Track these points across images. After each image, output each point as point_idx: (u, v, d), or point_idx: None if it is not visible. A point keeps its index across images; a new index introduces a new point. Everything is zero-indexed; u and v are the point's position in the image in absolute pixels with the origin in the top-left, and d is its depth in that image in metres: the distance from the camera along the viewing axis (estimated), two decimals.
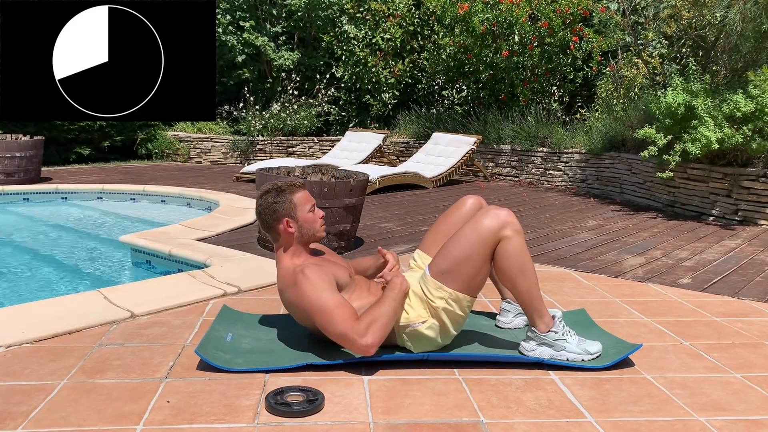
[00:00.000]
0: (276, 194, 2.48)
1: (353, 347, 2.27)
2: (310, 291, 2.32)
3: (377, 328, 2.26)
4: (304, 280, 2.33)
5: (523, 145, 8.67)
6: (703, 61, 6.90)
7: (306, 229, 2.48)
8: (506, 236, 2.35)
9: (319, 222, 2.51)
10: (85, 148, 9.74)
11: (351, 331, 2.25)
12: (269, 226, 2.49)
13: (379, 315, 2.28)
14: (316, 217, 2.50)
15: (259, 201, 2.51)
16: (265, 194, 2.50)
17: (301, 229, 2.47)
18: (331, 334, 2.30)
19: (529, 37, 9.03)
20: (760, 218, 5.71)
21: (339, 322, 2.26)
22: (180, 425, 1.92)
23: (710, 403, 2.17)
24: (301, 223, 2.47)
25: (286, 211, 2.46)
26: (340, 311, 2.28)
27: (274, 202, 2.47)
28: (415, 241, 4.66)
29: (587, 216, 6.12)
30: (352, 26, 10.45)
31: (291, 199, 2.47)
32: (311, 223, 2.49)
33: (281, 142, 10.12)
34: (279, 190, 2.48)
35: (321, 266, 2.40)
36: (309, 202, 2.50)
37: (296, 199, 2.47)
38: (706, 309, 3.26)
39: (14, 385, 2.17)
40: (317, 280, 2.32)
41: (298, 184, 2.52)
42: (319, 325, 2.33)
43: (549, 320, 2.43)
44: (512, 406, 2.10)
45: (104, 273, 4.42)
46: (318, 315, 2.31)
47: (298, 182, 2.53)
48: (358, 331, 2.24)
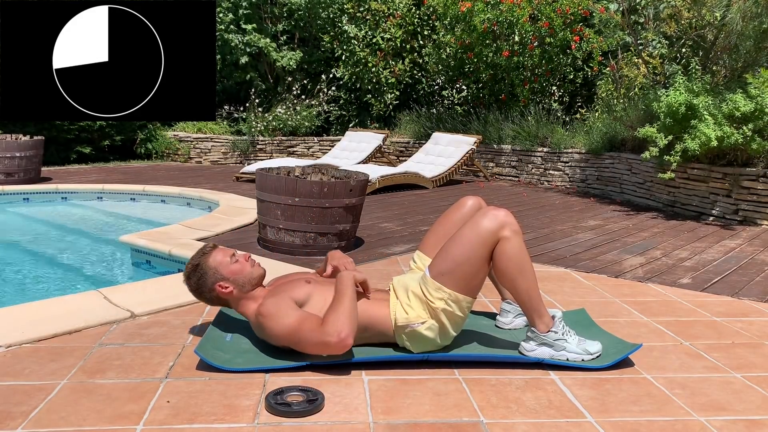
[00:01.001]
0: (194, 272, 2.49)
1: (331, 348, 2.26)
2: (273, 325, 2.33)
3: (343, 321, 2.26)
4: (265, 320, 2.36)
5: (523, 145, 8.68)
6: (703, 61, 6.89)
7: (240, 279, 2.47)
8: (505, 237, 2.35)
9: (248, 264, 2.50)
10: (86, 147, 9.74)
11: (322, 336, 2.25)
12: (211, 299, 2.52)
13: (340, 310, 2.29)
14: (243, 263, 2.49)
15: (188, 286, 2.53)
16: (188, 279, 2.52)
17: (236, 282, 2.47)
18: (309, 349, 2.31)
19: (530, 36, 9.03)
20: (760, 218, 5.71)
21: (308, 334, 2.27)
22: (180, 425, 1.92)
23: (710, 403, 2.17)
24: (232, 278, 2.46)
25: (212, 277, 2.46)
26: (305, 325, 2.29)
27: (198, 279, 2.48)
28: (415, 241, 4.66)
29: (587, 216, 6.12)
30: (353, 26, 10.45)
31: (208, 266, 2.47)
32: (241, 271, 2.48)
33: (281, 142, 10.13)
34: (195, 267, 2.49)
35: (274, 295, 2.40)
36: (227, 255, 2.49)
37: (212, 262, 2.47)
38: (706, 309, 3.26)
39: (14, 385, 2.17)
40: (275, 311, 2.33)
41: (207, 250, 2.52)
42: (296, 346, 2.34)
43: (549, 320, 2.43)
44: (512, 406, 2.10)
45: (104, 273, 4.42)
46: (289, 340, 2.33)
47: (207, 248, 2.53)
48: (328, 332, 2.24)
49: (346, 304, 2.31)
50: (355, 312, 2.32)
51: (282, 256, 4.10)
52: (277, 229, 4.20)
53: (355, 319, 2.31)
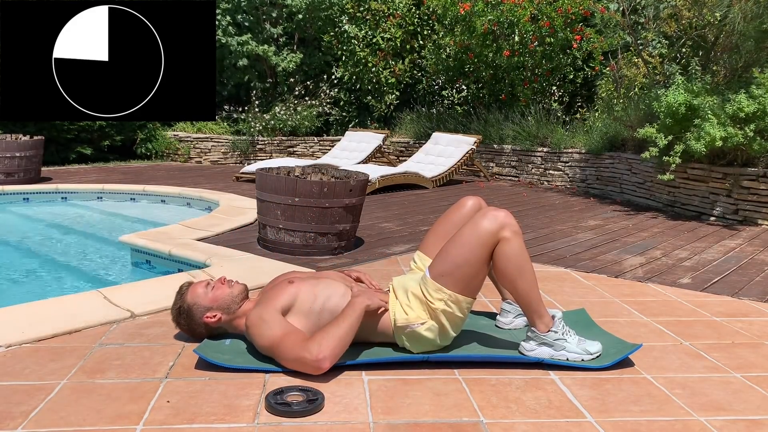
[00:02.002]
0: (180, 315, 2.52)
1: (307, 366, 2.24)
2: (258, 338, 2.33)
3: (329, 343, 2.24)
4: (250, 330, 2.36)
5: (523, 145, 8.67)
6: (704, 61, 6.89)
7: (222, 303, 2.48)
8: (505, 237, 2.35)
9: (225, 287, 2.51)
10: (86, 148, 9.74)
11: (302, 351, 2.23)
12: (203, 332, 2.53)
13: (334, 332, 2.27)
14: (219, 287, 2.50)
15: (180, 326, 2.56)
16: (178, 323, 2.56)
17: (221, 308, 2.48)
18: (289, 363, 2.28)
19: (530, 36, 9.03)
20: (760, 218, 5.71)
21: (290, 348, 2.26)
22: (180, 425, 1.92)
23: (710, 403, 2.17)
24: (215, 305, 2.47)
25: (197, 312, 2.48)
26: (288, 339, 2.27)
27: (186, 320, 2.51)
28: (415, 241, 4.66)
29: (587, 216, 6.11)
30: (353, 26, 10.45)
31: (189, 302, 2.49)
32: (221, 296, 2.48)
33: (281, 142, 10.12)
34: (178, 310, 2.52)
35: (259, 304, 2.39)
36: (201, 286, 2.50)
37: (191, 298, 2.49)
38: (706, 309, 3.26)
39: (14, 385, 2.17)
40: (258, 322, 2.33)
41: (183, 290, 2.54)
42: (279, 359, 2.31)
43: (548, 320, 2.43)
44: (512, 406, 2.10)
45: (104, 273, 4.42)
46: (274, 351, 2.31)
47: (183, 287, 2.55)
48: (310, 349, 2.23)
49: (342, 329, 2.28)
50: (348, 340, 2.29)
51: (282, 256, 4.10)
52: (277, 229, 4.20)
53: (344, 347, 2.28)
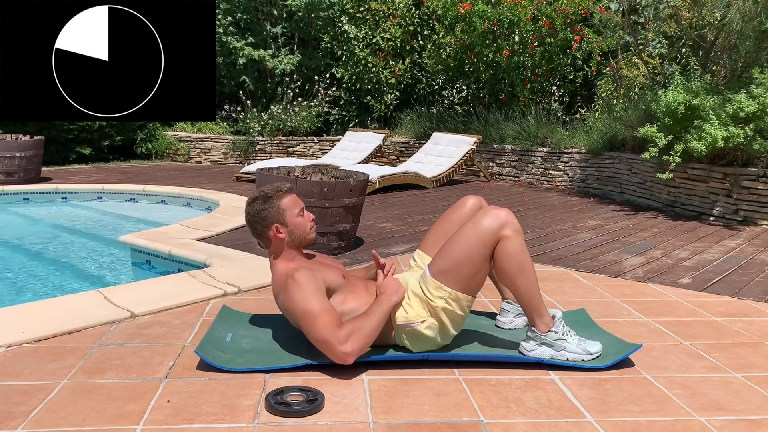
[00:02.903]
0: (263, 201, 2.48)
1: (332, 354, 2.26)
2: (298, 296, 2.32)
3: (359, 338, 2.26)
4: (293, 285, 2.34)
5: (523, 145, 8.67)
6: (703, 61, 6.89)
7: (296, 233, 2.48)
8: (506, 236, 2.35)
9: (309, 225, 2.51)
10: (86, 148, 9.74)
11: (331, 337, 2.24)
12: (260, 233, 2.50)
13: (363, 326, 2.28)
14: (306, 221, 2.50)
15: (248, 209, 2.51)
16: (253, 202, 2.50)
17: (291, 234, 2.47)
18: (312, 339, 2.30)
19: (530, 36, 9.03)
20: (760, 218, 5.71)
21: (321, 327, 2.26)
22: (180, 425, 1.92)
23: (710, 403, 2.17)
24: (291, 228, 2.46)
25: (275, 217, 2.45)
26: (324, 317, 2.27)
27: (262, 209, 2.46)
28: (415, 241, 4.66)
29: (587, 216, 6.11)
30: (352, 26, 10.45)
31: (279, 205, 2.46)
32: (301, 227, 2.48)
33: (281, 142, 10.12)
34: (266, 197, 2.48)
35: (312, 270, 2.39)
36: (297, 206, 2.50)
37: (284, 204, 2.47)
38: (706, 309, 3.26)
39: (14, 385, 2.17)
40: (306, 285, 2.32)
41: (284, 189, 2.51)
42: (303, 329, 2.33)
43: (549, 320, 2.43)
44: (512, 406, 2.10)
45: (104, 273, 4.42)
46: (303, 319, 2.31)
47: (284, 187, 2.52)
48: (339, 338, 2.24)
49: (371, 326, 2.29)
50: (374, 337, 2.31)
51: None
52: None
53: (369, 344, 2.30)
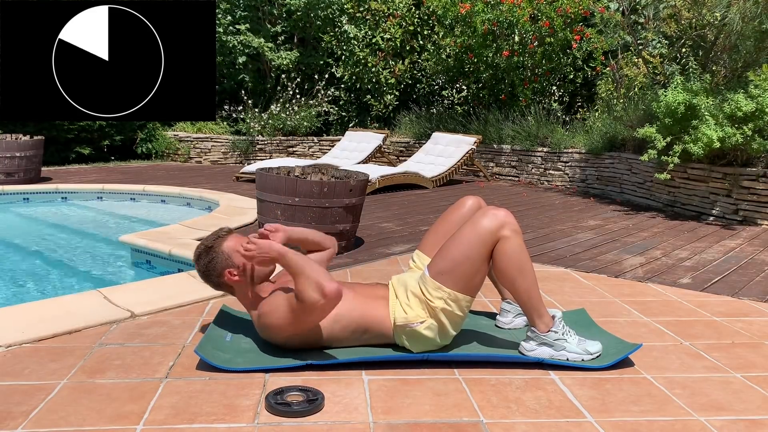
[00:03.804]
0: (206, 254, 2.46)
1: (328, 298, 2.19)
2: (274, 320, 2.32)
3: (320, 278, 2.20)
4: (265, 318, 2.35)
5: (523, 145, 8.68)
6: (703, 61, 6.90)
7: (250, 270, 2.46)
8: (504, 236, 2.35)
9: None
10: (86, 148, 9.74)
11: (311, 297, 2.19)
12: (217, 284, 2.49)
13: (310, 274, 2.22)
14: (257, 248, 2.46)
15: (197, 268, 2.51)
16: (198, 259, 2.49)
17: (245, 273, 2.45)
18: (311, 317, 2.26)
19: (530, 36, 9.03)
20: (760, 218, 5.71)
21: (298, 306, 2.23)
22: (180, 425, 1.92)
23: (710, 403, 2.17)
24: (242, 267, 2.45)
25: (223, 263, 2.44)
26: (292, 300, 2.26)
27: (208, 262, 2.46)
28: (415, 241, 4.66)
29: (587, 216, 6.11)
30: (352, 26, 10.45)
31: (221, 251, 2.44)
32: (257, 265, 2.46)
33: (281, 142, 10.12)
34: (207, 249, 2.46)
35: (276, 295, 2.37)
36: (241, 244, 2.46)
37: (226, 248, 2.45)
38: (706, 309, 3.26)
39: (14, 385, 2.17)
40: (273, 308, 2.32)
41: (223, 234, 2.50)
42: (302, 325, 2.29)
43: (549, 320, 2.43)
44: (512, 406, 2.10)
45: (104, 273, 4.42)
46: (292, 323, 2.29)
47: (222, 232, 2.51)
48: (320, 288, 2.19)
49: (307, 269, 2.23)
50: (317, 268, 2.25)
51: None
52: None
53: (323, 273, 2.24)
